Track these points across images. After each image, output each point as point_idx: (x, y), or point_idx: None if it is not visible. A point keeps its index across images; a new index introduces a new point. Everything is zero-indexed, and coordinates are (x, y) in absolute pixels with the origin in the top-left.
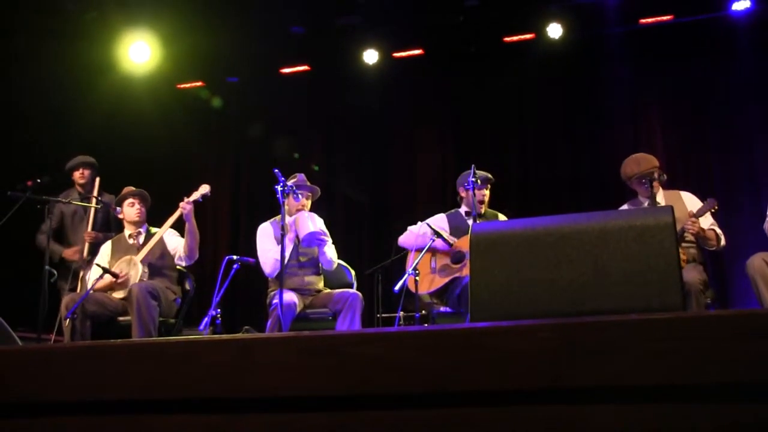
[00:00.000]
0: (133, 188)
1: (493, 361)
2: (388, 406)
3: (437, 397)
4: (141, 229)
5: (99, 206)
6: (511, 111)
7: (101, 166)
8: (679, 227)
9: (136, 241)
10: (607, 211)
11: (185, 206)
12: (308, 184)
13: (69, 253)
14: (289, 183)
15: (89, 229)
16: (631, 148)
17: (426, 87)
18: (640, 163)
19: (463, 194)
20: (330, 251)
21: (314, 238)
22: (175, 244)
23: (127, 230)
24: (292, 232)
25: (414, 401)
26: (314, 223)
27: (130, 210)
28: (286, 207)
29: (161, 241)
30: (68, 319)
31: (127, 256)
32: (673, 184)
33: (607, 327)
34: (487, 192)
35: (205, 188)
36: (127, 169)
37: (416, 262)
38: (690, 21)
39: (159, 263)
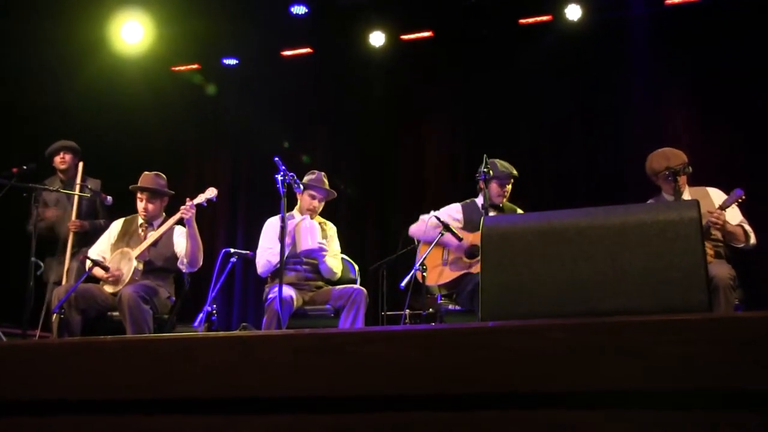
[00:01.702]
0: (150, 177)
1: (505, 363)
2: (392, 409)
3: (445, 399)
4: (155, 222)
5: (89, 195)
6: (525, 98)
7: (91, 152)
8: (704, 222)
9: (144, 233)
10: (628, 205)
11: (187, 211)
12: (326, 185)
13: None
14: (305, 180)
15: (74, 217)
16: (653, 138)
17: (435, 72)
18: (669, 158)
19: (482, 186)
20: (331, 261)
21: (312, 253)
22: (183, 246)
23: (140, 218)
24: (291, 237)
25: (420, 404)
26: (313, 238)
27: (138, 204)
28: (297, 204)
29: (169, 241)
30: (55, 314)
31: (123, 247)
32: (698, 176)
33: (626, 328)
34: (509, 187)
35: (211, 192)
36: (119, 156)
37: (424, 256)
38: (721, 1)
39: (160, 263)
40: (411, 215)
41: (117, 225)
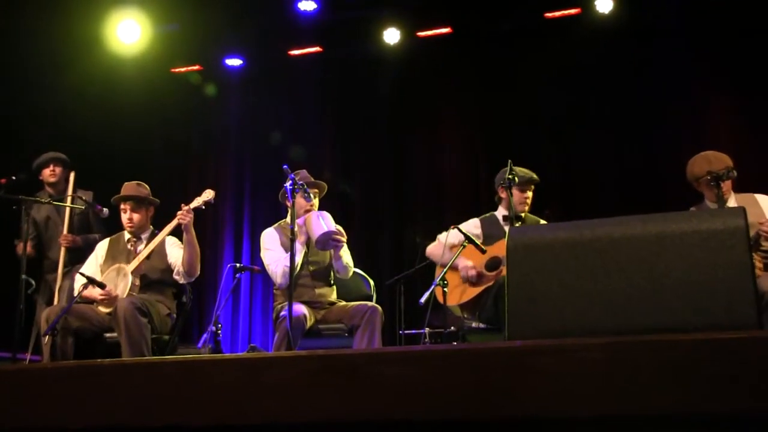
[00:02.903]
0: (132, 186)
1: (535, 386)
2: None
3: (469, 425)
4: (143, 235)
5: (82, 207)
6: (552, 98)
7: (84, 159)
8: (753, 232)
9: (134, 247)
10: (666, 213)
11: (184, 216)
12: (312, 180)
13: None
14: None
15: (65, 231)
16: (692, 140)
17: (454, 71)
18: (711, 161)
19: (503, 195)
20: (346, 255)
21: (329, 239)
22: (176, 256)
23: (127, 233)
24: (302, 235)
25: (442, 429)
26: (327, 223)
27: (122, 216)
28: (288, 214)
29: (162, 252)
30: (47, 336)
31: (117, 264)
32: (744, 184)
33: (666, 347)
34: (530, 194)
35: (208, 194)
36: (114, 164)
37: (444, 270)
38: None
39: (156, 276)
40: (429, 225)
41: (103, 246)
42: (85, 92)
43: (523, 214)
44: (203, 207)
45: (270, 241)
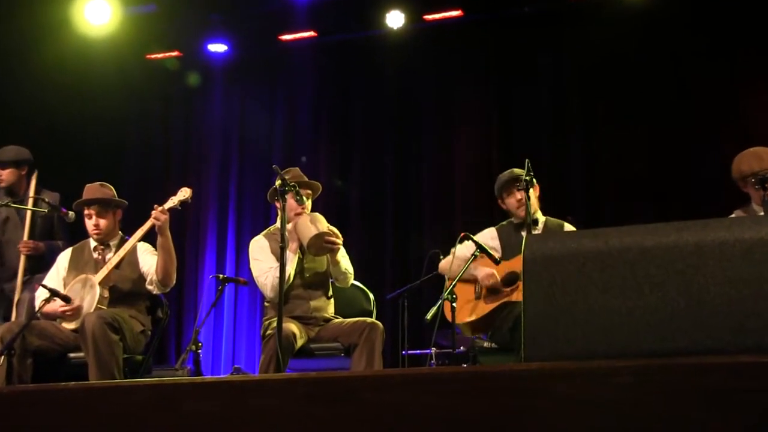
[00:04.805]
0: (95, 188)
1: (555, 413)
2: None
3: None
4: (111, 242)
5: (46, 210)
6: (576, 90)
7: (49, 155)
8: None
9: (101, 256)
10: (705, 220)
11: (159, 216)
12: (305, 179)
13: None
14: (279, 182)
15: (26, 237)
16: (735, 139)
17: (466, 59)
18: (763, 159)
19: (502, 205)
20: (344, 261)
21: (322, 241)
22: (150, 264)
23: (93, 241)
24: (293, 241)
25: None
26: (317, 225)
27: (87, 222)
28: (278, 218)
29: (133, 260)
30: (2, 357)
31: (83, 274)
32: None
33: (705, 371)
34: (519, 195)
35: (185, 193)
36: (84, 161)
37: (453, 283)
38: None
39: (126, 287)
40: (437, 233)
41: (65, 257)
42: (50, 80)
43: (536, 216)
44: (180, 207)
45: (258, 250)
